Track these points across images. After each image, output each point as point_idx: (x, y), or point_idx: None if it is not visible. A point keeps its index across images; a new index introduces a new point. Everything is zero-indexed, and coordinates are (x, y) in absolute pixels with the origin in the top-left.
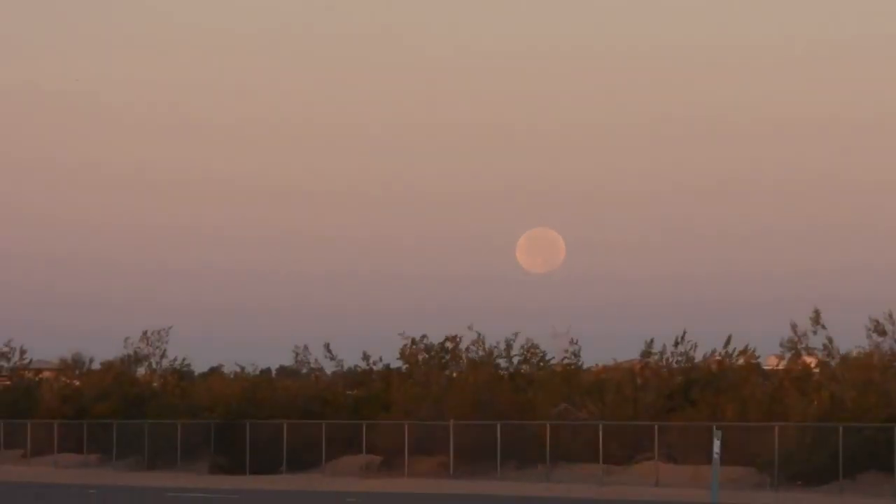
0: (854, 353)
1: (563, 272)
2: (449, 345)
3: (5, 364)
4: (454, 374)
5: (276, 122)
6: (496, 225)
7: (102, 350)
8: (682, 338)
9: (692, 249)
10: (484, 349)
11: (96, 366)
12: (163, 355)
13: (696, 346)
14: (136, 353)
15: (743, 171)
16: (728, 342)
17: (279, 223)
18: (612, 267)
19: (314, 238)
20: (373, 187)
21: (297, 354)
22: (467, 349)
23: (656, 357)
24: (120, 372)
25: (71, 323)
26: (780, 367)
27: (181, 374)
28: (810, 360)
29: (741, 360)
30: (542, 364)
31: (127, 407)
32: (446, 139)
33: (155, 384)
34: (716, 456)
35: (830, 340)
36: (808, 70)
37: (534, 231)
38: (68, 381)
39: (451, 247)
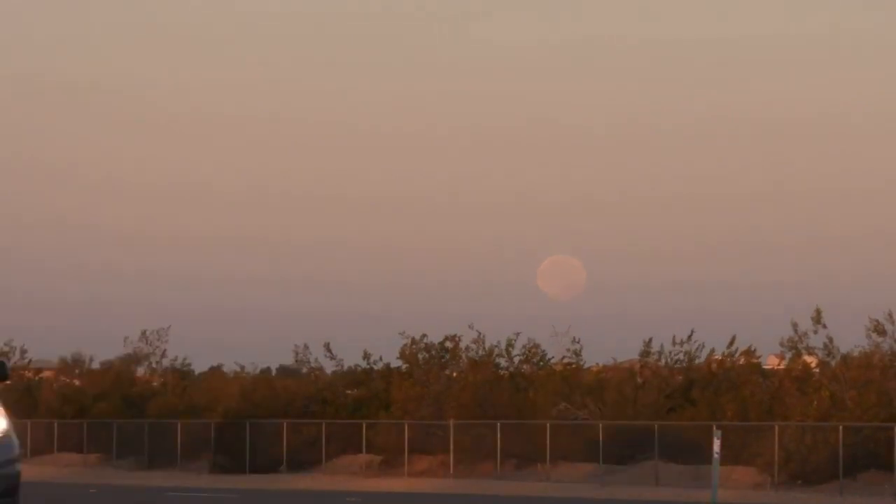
0: (854, 353)
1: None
2: (449, 344)
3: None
4: (454, 374)
5: (277, 125)
6: (498, 229)
7: (102, 350)
8: (690, 337)
9: (692, 249)
10: (484, 348)
11: (96, 365)
12: (162, 355)
13: (702, 346)
14: (135, 352)
15: (744, 172)
16: (732, 342)
17: (281, 224)
18: (612, 266)
19: (315, 238)
20: (376, 190)
21: (297, 354)
22: (467, 348)
23: (654, 357)
24: (120, 371)
25: (71, 322)
26: (781, 366)
27: (181, 374)
28: (811, 360)
29: (742, 360)
30: (542, 363)
31: (127, 406)
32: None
33: (155, 384)
34: (716, 456)
35: (831, 340)
36: (811, 73)
37: (555, 258)
38: (68, 380)
39: (454, 251)
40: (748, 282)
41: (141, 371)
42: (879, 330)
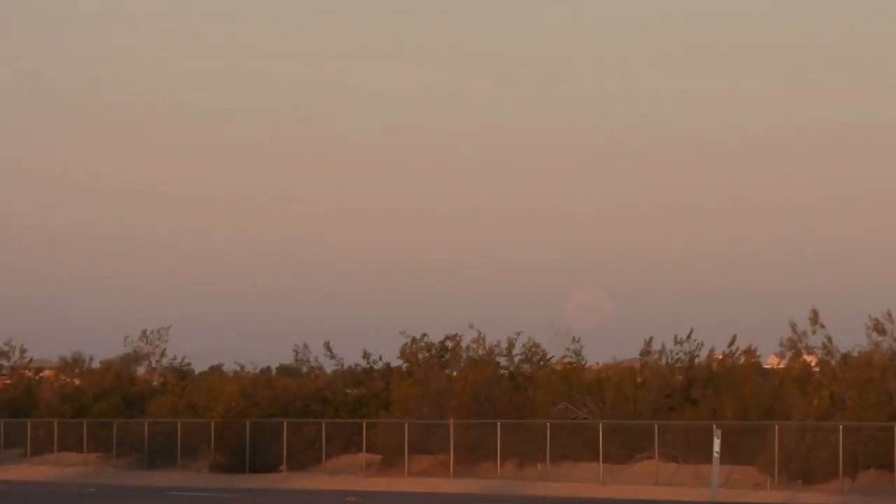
0: (854, 353)
1: (565, 268)
2: (449, 343)
3: (5, 363)
4: (454, 373)
5: (277, 133)
6: (502, 237)
7: (102, 349)
8: (689, 336)
9: (692, 248)
10: (484, 348)
11: (96, 364)
12: (162, 354)
13: (701, 345)
14: (135, 351)
15: (744, 171)
16: (733, 342)
17: (282, 226)
18: (613, 265)
19: (317, 239)
20: (375, 199)
21: (297, 353)
22: (468, 348)
23: (655, 356)
24: (120, 371)
25: (71, 321)
26: (781, 366)
27: (181, 374)
28: (810, 360)
29: (742, 360)
30: (542, 363)
31: (127, 406)
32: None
33: (155, 383)
34: (716, 455)
35: (830, 340)
36: (813, 74)
37: (582, 294)
38: (68, 379)
39: (456, 253)
40: (748, 281)
41: (141, 370)
42: (879, 329)
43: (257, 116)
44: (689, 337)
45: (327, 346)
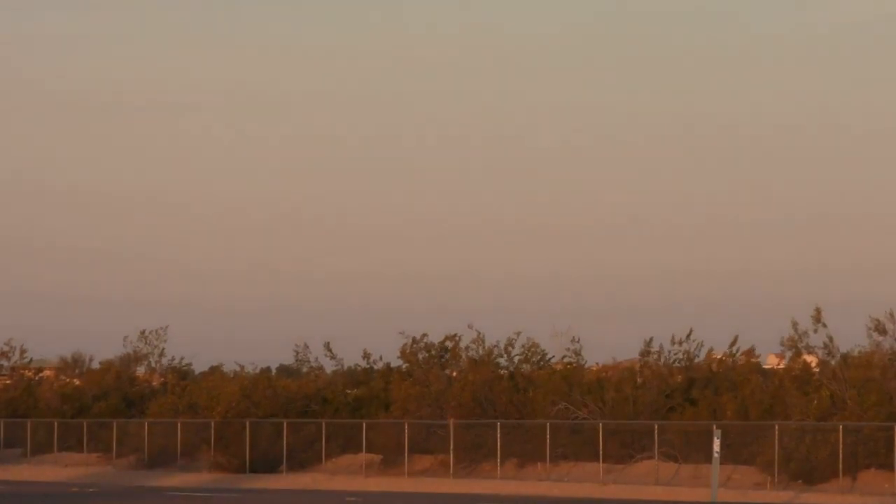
0: (855, 352)
1: (565, 271)
2: (449, 344)
3: (5, 363)
4: (454, 374)
5: (278, 142)
6: (502, 244)
7: (102, 349)
8: (689, 336)
9: (692, 248)
10: (484, 348)
11: (96, 365)
12: (161, 354)
13: (701, 345)
14: (135, 352)
15: (744, 172)
16: (734, 342)
17: (283, 230)
18: (613, 265)
19: (317, 240)
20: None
21: (297, 353)
22: (467, 348)
23: (654, 356)
24: (120, 371)
25: (71, 322)
26: (781, 366)
27: (181, 374)
28: (811, 359)
29: (742, 360)
30: (542, 363)
31: (127, 406)
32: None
33: (155, 383)
34: (716, 455)
35: (831, 339)
36: (818, 73)
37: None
38: (68, 379)
39: (458, 258)
40: (748, 281)
41: (141, 370)
42: (880, 329)
43: (257, 126)
44: (688, 336)
45: (327, 346)
